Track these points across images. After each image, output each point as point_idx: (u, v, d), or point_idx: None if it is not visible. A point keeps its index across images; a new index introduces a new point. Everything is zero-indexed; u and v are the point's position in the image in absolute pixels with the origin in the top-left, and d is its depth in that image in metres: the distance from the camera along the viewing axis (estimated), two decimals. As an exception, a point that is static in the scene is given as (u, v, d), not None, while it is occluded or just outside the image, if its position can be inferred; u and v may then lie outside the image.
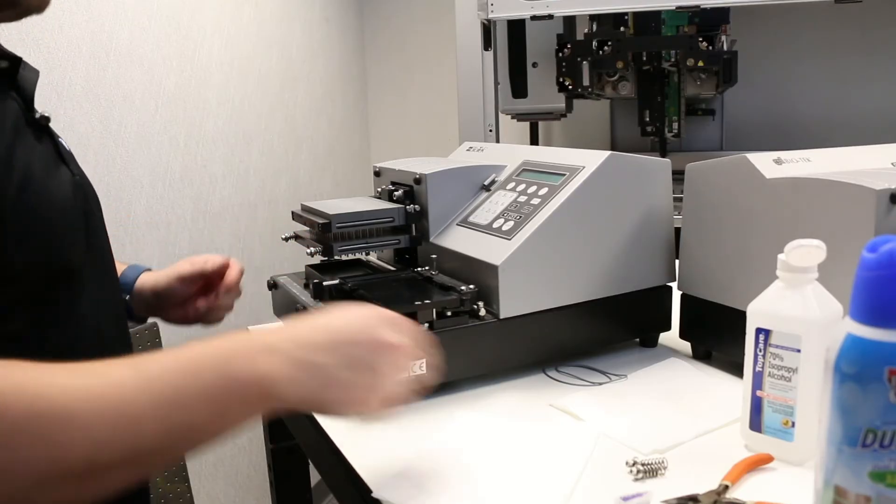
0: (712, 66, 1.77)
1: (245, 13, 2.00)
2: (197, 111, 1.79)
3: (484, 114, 1.90)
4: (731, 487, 0.64)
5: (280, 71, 2.18)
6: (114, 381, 0.48)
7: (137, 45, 1.58)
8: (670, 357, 0.98)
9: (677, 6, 1.69)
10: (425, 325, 0.85)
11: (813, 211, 0.79)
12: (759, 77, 2.23)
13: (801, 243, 0.65)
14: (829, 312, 0.66)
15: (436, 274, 0.97)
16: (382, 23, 2.82)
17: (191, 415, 0.49)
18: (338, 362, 0.57)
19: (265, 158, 2.10)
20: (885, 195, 0.73)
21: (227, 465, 1.90)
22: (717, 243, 0.92)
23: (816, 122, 2.20)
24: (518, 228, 0.91)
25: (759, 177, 0.85)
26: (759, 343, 0.69)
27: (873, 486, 0.47)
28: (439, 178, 1.03)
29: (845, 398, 0.47)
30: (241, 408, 0.52)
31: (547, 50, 2.01)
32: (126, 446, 0.46)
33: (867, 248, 0.46)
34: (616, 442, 0.75)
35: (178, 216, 1.72)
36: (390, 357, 0.60)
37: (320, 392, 0.56)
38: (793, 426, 0.68)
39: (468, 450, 0.74)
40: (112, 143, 1.52)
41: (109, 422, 0.46)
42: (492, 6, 1.80)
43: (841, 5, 1.63)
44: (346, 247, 0.99)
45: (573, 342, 0.96)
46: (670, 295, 1.01)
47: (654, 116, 1.97)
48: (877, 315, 0.46)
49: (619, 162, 0.94)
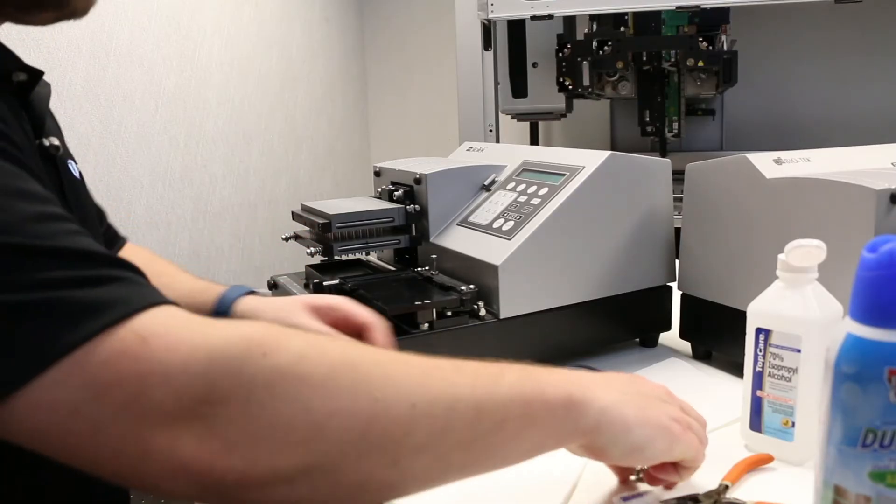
0: (712, 66, 1.77)
1: (245, 13, 2.00)
2: (197, 111, 1.79)
3: (484, 114, 1.90)
4: (731, 487, 0.64)
5: (280, 71, 2.19)
6: (428, 359, 0.47)
7: (137, 45, 1.58)
8: (670, 357, 0.98)
9: (677, 6, 1.69)
10: (425, 325, 0.85)
11: (813, 211, 0.79)
12: (759, 77, 2.23)
13: (801, 243, 0.65)
14: (829, 312, 0.66)
15: (436, 274, 0.97)
16: (382, 23, 2.82)
17: (502, 411, 0.47)
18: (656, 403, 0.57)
19: (265, 158, 2.10)
20: (885, 195, 0.73)
21: (227, 465, 1.90)
22: (717, 243, 0.92)
23: (816, 122, 2.20)
24: (518, 228, 0.91)
25: (759, 177, 0.85)
26: (759, 343, 0.69)
27: (873, 486, 0.47)
28: (439, 178, 1.03)
29: (845, 398, 0.47)
30: (546, 416, 0.49)
31: (547, 50, 2.01)
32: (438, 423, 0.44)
33: (867, 248, 0.46)
34: (616, 442, 0.75)
35: (178, 216, 1.72)
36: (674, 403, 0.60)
37: (641, 411, 0.54)
38: (793, 426, 0.68)
39: (468, 450, 0.74)
40: (112, 143, 1.52)
41: (427, 385, 0.44)
42: (492, 6, 1.80)
43: (841, 5, 1.63)
44: (346, 247, 0.99)
45: (573, 342, 0.96)
46: (670, 295, 1.01)
47: (654, 116, 1.97)
48: (877, 315, 0.46)
49: (619, 162, 0.94)
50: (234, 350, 0.40)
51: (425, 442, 0.44)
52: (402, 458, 0.43)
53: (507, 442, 0.48)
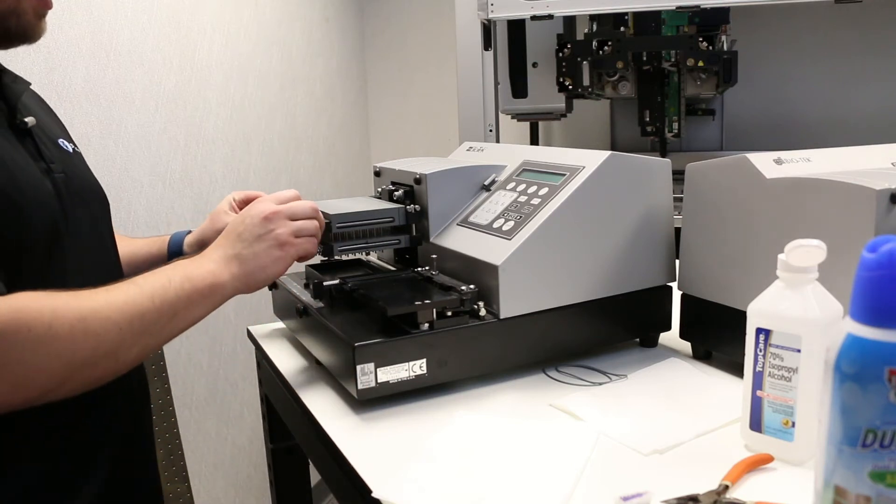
0: (712, 66, 1.77)
1: (245, 13, 2.00)
2: (197, 111, 1.79)
3: (484, 114, 1.90)
4: (731, 487, 0.64)
5: (280, 71, 2.19)
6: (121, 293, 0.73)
7: (137, 45, 1.58)
8: (670, 357, 0.98)
9: (677, 6, 1.69)
10: (426, 325, 0.85)
11: (813, 211, 0.79)
12: (759, 77, 2.23)
13: (801, 243, 0.65)
14: (829, 312, 0.66)
15: (436, 274, 0.97)
16: (382, 23, 2.82)
17: (173, 301, 0.76)
18: (244, 245, 0.83)
19: (265, 158, 2.10)
20: (885, 195, 0.73)
21: (227, 466, 1.90)
22: (717, 243, 0.92)
23: (816, 122, 2.20)
24: (518, 228, 0.91)
25: (759, 177, 0.85)
26: (760, 343, 0.69)
27: (873, 486, 0.47)
28: (439, 178, 1.03)
29: (845, 398, 0.47)
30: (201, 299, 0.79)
31: (547, 50, 2.01)
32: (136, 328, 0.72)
33: (867, 248, 0.46)
34: (616, 442, 0.76)
35: (178, 216, 1.72)
36: (277, 220, 0.84)
37: (255, 259, 0.83)
38: (793, 426, 0.68)
39: (468, 450, 0.74)
40: (112, 143, 1.52)
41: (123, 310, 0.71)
42: (492, 6, 1.80)
43: (841, 5, 1.63)
44: (346, 247, 0.99)
45: (573, 342, 0.96)
46: (670, 295, 1.01)
47: (654, 116, 1.97)
48: (877, 315, 0.46)
49: (619, 162, 0.94)
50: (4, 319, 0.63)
51: (133, 341, 0.72)
52: (121, 354, 0.72)
53: (182, 320, 0.77)
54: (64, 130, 0.96)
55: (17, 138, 0.80)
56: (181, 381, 1.72)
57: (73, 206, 0.83)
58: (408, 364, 0.84)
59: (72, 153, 0.90)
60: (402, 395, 0.86)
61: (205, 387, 1.81)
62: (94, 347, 0.69)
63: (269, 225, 0.84)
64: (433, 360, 0.85)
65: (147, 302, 0.73)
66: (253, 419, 1.98)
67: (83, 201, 0.87)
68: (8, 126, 0.80)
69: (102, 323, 0.69)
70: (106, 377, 0.73)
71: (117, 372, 0.74)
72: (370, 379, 0.82)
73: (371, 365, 0.82)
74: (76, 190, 0.85)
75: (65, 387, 0.69)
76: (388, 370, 0.83)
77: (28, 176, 0.78)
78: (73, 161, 0.89)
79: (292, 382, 0.97)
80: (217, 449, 1.86)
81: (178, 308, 0.76)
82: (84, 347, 0.68)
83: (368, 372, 0.82)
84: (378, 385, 0.83)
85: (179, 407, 1.12)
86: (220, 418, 1.87)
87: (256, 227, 0.84)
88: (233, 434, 1.92)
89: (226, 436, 1.90)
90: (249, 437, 1.98)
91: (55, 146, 0.87)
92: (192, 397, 1.76)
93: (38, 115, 0.87)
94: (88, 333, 0.68)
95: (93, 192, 0.91)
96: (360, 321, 0.90)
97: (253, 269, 0.82)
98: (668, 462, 0.72)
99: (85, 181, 0.90)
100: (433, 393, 0.88)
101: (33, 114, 0.85)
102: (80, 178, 0.88)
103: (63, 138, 0.91)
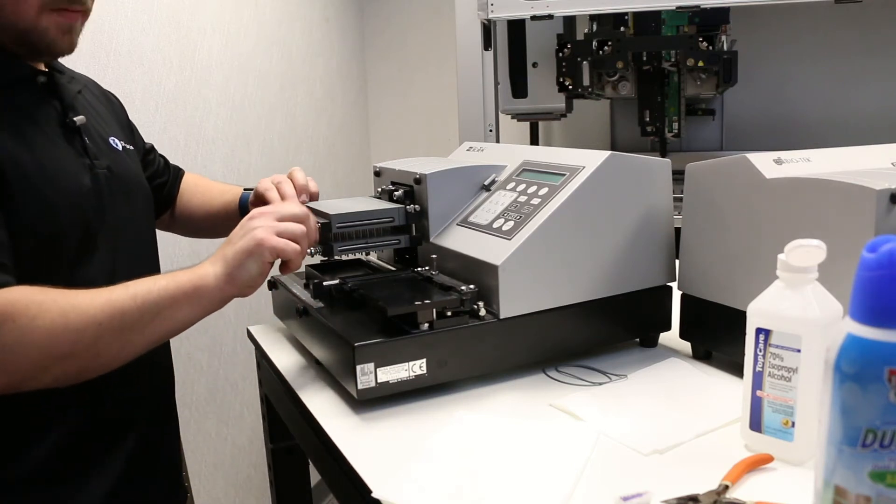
0: (712, 66, 1.77)
1: (245, 13, 2.00)
2: (197, 111, 1.79)
3: (484, 114, 1.90)
4: (731, 487, 0.64)
5: (280, 71, 2.18)
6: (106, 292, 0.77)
7: (137, 45, 1.58)
8: (670, 357, 0.98)
9: (677, 6, 1.69)
10: (425, 325, 0.85)
11: (813, 211, 0.79)
12: (759, 77, 2.23)
13: (801, 243, 0.65)
14: (829, 312, 0.66)
15: (436, 274, 0.97)
16: (382, 23, 2.82)
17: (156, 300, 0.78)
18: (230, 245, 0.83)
19: (265, 158, 2.10)
20: (885, 195, 0.73)
21: (227, 466, 1.90)
22: (717, 243, 0.92)
23: (816, 122, 2.20)
24: (518, 228, 0.91)
25: (759, 177, 0.85)
26: (759, 343, 0.69)
27: (873, 486, 0.47)
28: (439, 178, 1.03)
29: (845, 398, 0.47)
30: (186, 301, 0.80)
31: (547, 50, 2.01)
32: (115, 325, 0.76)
33: (867, 248, 0.46)
34: (616, 442, 0.76)
35: (178, 216, 1.72)
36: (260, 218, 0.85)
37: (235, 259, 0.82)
38: (793, 426, 0.68)
39: (468, 450, 0.74)
40: (112, 143, 1.52)
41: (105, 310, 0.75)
42: (492, 6, 1.80)
43: (841, 5, 1.63)
44: (346, 247, 0.99)
45: (573, 342, 0.96)
46: (670, 295, 1.01)
47: (654, 116, 1.97)
48: (877, 315, 0.46)
49: (619, 162, 0.94)
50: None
51: (113, 337, 0.76)
52: (101, 349, 0.76)
53: (168, 319, 0.79)
54: (122, 128, 1.04)
55: (66, 135, 0.87)
56: (181, 381, 1.71)
57: (112, 200, 0.90)
58: (408, 364, 0.84)
59: (120, 150, 0.97)
60: (402, 395, 0.86)
61: (205, 387, 1.81)
62: (73, 341, 0.73)
63: (252, 223, 0.85)
64: (433, 360, 0.86)
65: (129, 300, 0.77)
66: (253, 419, 1.98)
67: (125, 196, 0.93)
68: (58, 124, 0.86)
69: (83, 318, 0.74)
70: (90, 369, 0.78)
71: (103, 366, 0.78)
72: (370, 379, 0.82)
73: (371, 365, 0.82)
74: (118, 185, 0.91)
75: (47, 374, 0.74)
76: (387, 370, 0.83)
77: (67, 173, 0.84)
78: (120, 158, 0.95)
79: (292, 382, 0.97)
80: (217, 449, 1.86)
81: (162, 307, 0.78)
82: (64, 341, 0.73)
83: (368, 372, 0.82)
84: (378, 385, 0.83)
85: (179, 407, 1.12)
86: (220, 418, 1.87)
87: (242, 228, 0.85)
88: (233, 434, 1.92)
89: (226, 436, 1.90)
90: (249, 437, 1.98)
91: (104, 143, 0.94)
92: (192, 397, 1.76)
93: (93, 113, 0.95)
94: (69, 328, 0.73)
95: (137, 188, 0.98)
96: (360, 321, 0.90)
97: (235, 267, 0.82)
98: (668, 462, 0.72)
99: (129, 177, 0.96)
100: (433, 393, 0.88)
101: (87, 112, 0.92)
102: (124, 174, 0.94)
103: (115, 136, 0.98)
